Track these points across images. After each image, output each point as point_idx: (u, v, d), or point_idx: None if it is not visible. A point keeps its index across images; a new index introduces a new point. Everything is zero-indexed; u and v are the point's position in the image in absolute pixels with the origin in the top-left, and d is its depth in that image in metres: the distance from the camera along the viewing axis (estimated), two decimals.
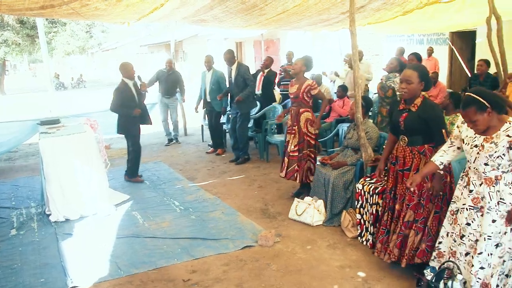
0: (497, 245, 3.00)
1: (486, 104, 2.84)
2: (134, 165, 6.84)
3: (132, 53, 30.42)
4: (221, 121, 8.38)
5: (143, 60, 29.38)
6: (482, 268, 3.04)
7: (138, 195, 6.21)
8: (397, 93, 5.63)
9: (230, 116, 7.88)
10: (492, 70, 6.75)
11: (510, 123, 2.90)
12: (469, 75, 10.39)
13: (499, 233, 2.98)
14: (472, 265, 3.06)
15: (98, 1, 5.05)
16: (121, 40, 37.61)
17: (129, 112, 6.41)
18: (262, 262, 4.22)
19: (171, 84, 9.06)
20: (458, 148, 3.24)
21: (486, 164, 2.96)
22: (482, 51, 7.63)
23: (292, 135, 5.63)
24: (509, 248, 3.02)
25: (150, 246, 4.63)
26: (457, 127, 3.22)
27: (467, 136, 3.09)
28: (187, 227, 5.08)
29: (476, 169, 3.04)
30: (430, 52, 11.23)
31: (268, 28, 10.05)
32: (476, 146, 2.99)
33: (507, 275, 3.09)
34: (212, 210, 5.58)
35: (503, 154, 2.88)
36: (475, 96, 2.89)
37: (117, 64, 6.92)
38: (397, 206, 3.79)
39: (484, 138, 2.95)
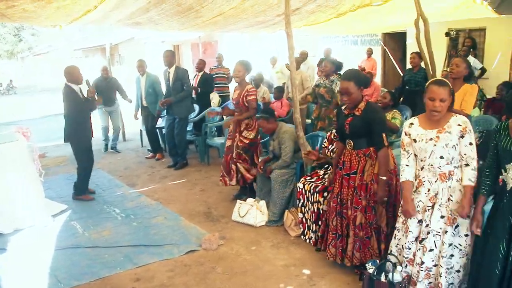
0: (437, 240, 3.12)
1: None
2: (82, 180, 6.19)
3: (66, 57, 29.38)
4: (157, 126, 8.24)
5: (78, 64, 28.45)
6: (434, 265, 3.15)
7: (76, 205, 6.01)
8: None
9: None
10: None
11: (455, 116, 3.08)
12: (401, 74, 10.82)
13: (441, 228, 3.10)
14: (423, 262, 3.15)
15: (25, 2, 4.78)
16: (53, 44, 36.14)
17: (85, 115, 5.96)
18: (207, 266, 4.21)
19: (110, 91, 8.74)
20: (415, 155, 3.27)
21: (441, 157, 3.06)
22: (412, 51, 7.98)
23: (235, 142, 5.60)
24: (459, 244, 3.12)
25: (91, 256, 4.50)
26: (405, 133, 3.28)
27: (417, 134, 3.17)
28: (129, 235, 4.97)
29: (431, 165, 3.12)
30: (370, 53, 11.60)
31: (206, 30, 10.02)
32: (431, 139, 3.08)
33: (457, 271, 3.15)
34: (154, 216, 5.49)
35: (456, 144, 3.02)
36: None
37: (50, 69, 6.63)
38: (348, 212, 3.78)
39: (437, 131, 3.07)
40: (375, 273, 3.33)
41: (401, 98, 7.64)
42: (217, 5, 6.10)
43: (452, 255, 3.12)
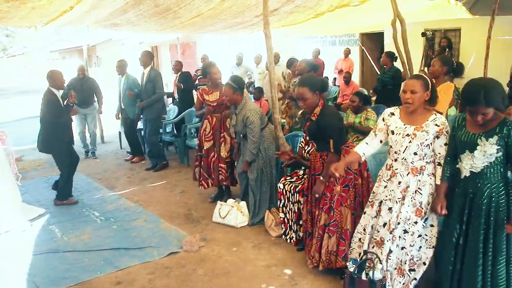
0: (405, 231, 3.21)
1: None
2: (64, 186, 6.04)
3: (43, 59, 28.95)
4: (138, 128, 8.17)
5: (55, 66, 28.04)
6: (400, 253, 3.25)
7: (54, 208, 5.92)
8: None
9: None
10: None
11: (436, 115, 3.14)
12: (379, 73, 10.95)
13: (409, 219, 3.19)
14: (391, 251, 3.24)
15: None
16: (29, 45, 35.58)
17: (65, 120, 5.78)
18: (188, 268, 4.19)
19: (86, 92, 8.55)
20: (381, 141, 3.38)
21: (415, 154, 3.14)
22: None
23: (222, 143, 5.57)
24: (425, 235, 3.22)
25: (71, 260, 4.44)
26: (383, 119, 3.36)
27: (396, 127, 3.24)
28: (109, 238, 4.92)
29: (405, 159, 3.19)
30: (347, 53, 11.69)
31: (184, 31, 10.00)
32: (408, 135, 3.15)
33: (424, 263, 3.25)
34: (134, 219, 5.45)
35: (431, 143, 3.12)
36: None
37: (26, 71, 6.47)
38: (316, 211, 3.86)
39: (415, 128, 3.13)
40: (355, 272, 3.36)
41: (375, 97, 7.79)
42: (195, 6, 6.09)
43: (420, 247, 3.24)
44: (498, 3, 6.54)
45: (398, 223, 3.20)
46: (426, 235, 3.23)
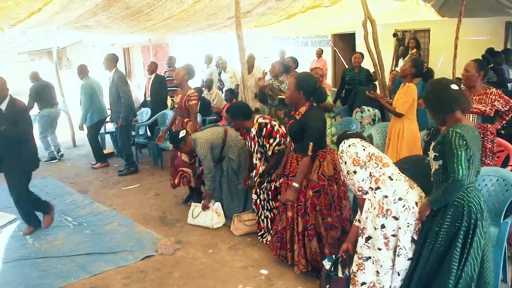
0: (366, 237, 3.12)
1: None
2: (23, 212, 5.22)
3: (10, 61, 28.25)
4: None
5: (24, 68, 27.43)
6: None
7: None
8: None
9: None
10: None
11: None
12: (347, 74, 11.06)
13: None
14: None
15: None
16: None
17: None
18: (164, 271, 4.17)
19: (47, 96, 8.40)
20: None
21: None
22: (355, 52, 8.22)
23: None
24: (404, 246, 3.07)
25: (43, 267, 4.36)
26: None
27: None
28: (82, 243, 4.85)
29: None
30: (320, 53, 11.74)
31: (156, 33, 9.92)
32: None
33: (398, 273, 3.06)
34: (108, 223, 5.38)
35: None
36: None
37: None
38: (289, 213, 3.84)
39: None
40: (331, 269, 3.39)
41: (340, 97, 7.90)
42: (166, 8, 6.06)
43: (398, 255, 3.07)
44: (464, 5, 6.71)
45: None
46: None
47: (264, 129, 4.41)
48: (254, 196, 4.61)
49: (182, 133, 5.06)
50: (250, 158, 4.75)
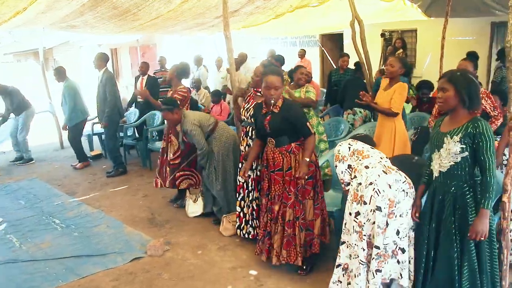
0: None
1: None
2: None
3: None
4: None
5: (9, 69, 27.14)
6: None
7: (12, 217, 5.72)
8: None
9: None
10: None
11: None
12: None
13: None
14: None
15: None
16: None
17: None
18: (153, 273, 4.14)
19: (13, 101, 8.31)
20: None
21: None
22: (349, 52, 8.23)
23: (169, 143, 5.56)
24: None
25: (30, 270, 4.30)
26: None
27: None
28: (70, 245, 4.80)
29: None
30: (303, 54, 11.74)
31: (144, 33, 9.88)
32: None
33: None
34: (96, 225, 5.34)
35: None
36: None
37: None
38: (276, 207, 3.84)
39: None
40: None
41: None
42: (154, 8, 6.03)
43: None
44: (450, 5, 6.77)
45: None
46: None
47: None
48: (240, 179, 4.55)
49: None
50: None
